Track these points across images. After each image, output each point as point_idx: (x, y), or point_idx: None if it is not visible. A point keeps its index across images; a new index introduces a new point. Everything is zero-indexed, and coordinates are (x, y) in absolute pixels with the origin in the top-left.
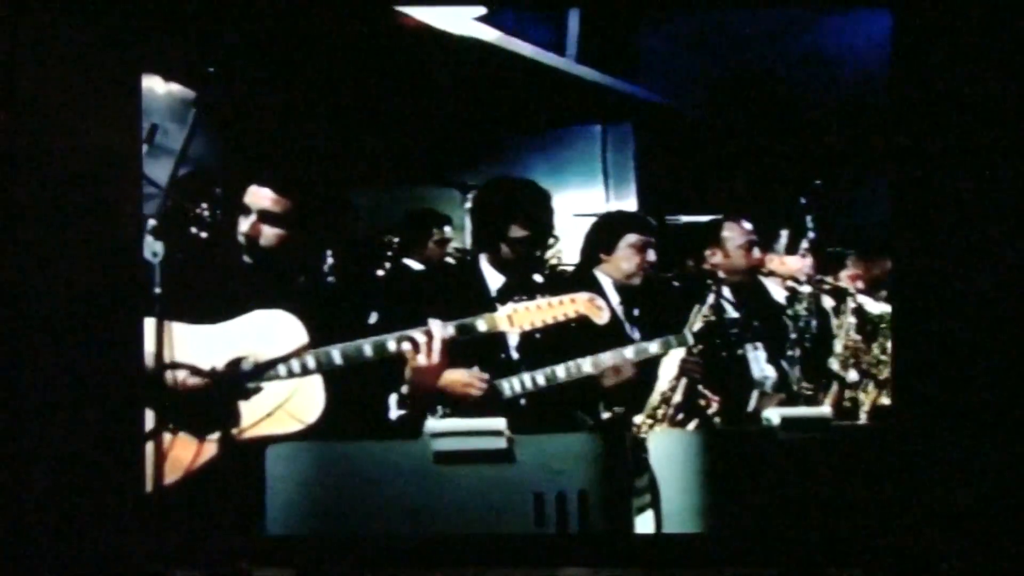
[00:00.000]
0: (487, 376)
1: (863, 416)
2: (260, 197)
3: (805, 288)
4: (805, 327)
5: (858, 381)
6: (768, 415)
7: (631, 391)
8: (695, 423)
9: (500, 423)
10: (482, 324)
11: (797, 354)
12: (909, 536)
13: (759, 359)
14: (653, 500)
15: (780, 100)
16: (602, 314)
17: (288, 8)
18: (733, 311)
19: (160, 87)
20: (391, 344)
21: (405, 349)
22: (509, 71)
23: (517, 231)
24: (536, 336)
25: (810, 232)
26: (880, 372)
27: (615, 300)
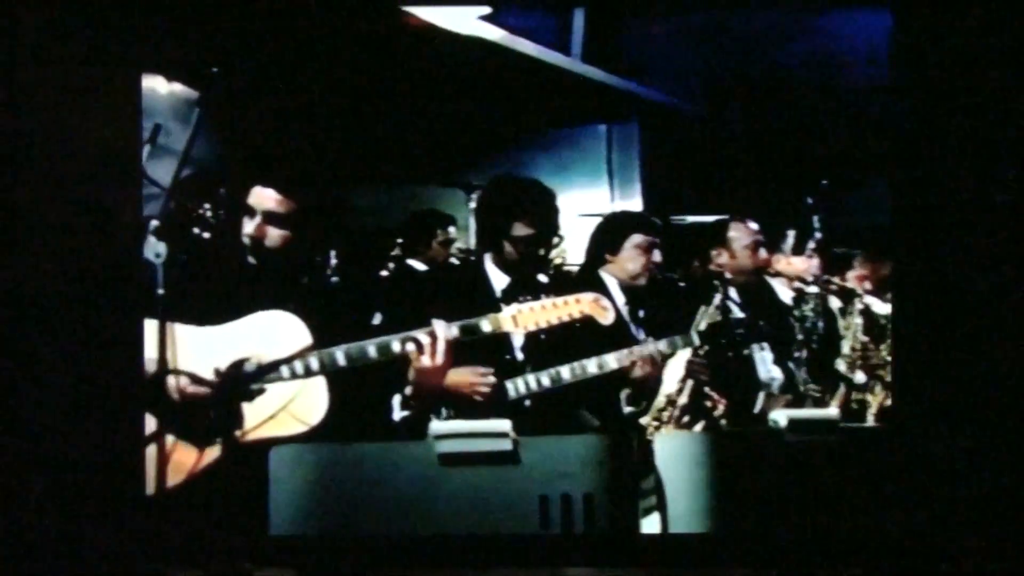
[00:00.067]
0: (491, 371)
1: (871, 418)
2: (265, 198)
3: (812, 289)
4: (812, 328)
5: (866, 383)
6: (775, 417)
7: (650, 388)
8: (701, 425)
9: (505, 425)
10: (486, 325)
11: (804, 355)
12: (910, 536)
13: (766, 360)
14: (659, 503)
15: (786, 99)
16: (607, 314)
17: (291, 7)
18: (739, 312)
19: (163, 87)
20: (395, 345)
21: (409, 350)
22: (514, 70)
23: (521, 229)
24: (541, 337)
25: (817, 232)
26: (888, 374)
27: (620, 301)
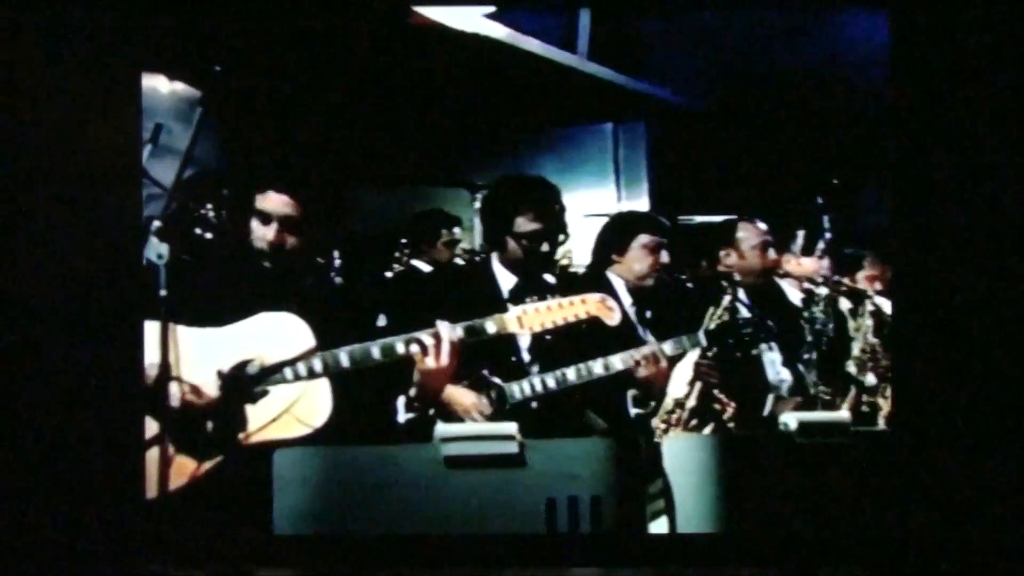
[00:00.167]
0: (490, 408)
1: (881, 421)
2: (281, 204)
3: (822, 290)
4: (822, 329)
5: (876, 385)
6: (785, 419)
7: (658, 391)
8: (710, 428)
9: (511, 427)
10: (491, 326)
11: (813, 357)
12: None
13: (775, 362)
14: (667, 506)
15: (795, 98)
16: (613, 315)
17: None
18: (748, 313)
19: (165, 86)
20: (399, 346)
21: (413, 351)
22: (519, 69)
23: (525, 225)
24: (547, 338)
25: (827, 232)
26: None
27: (627, 302)
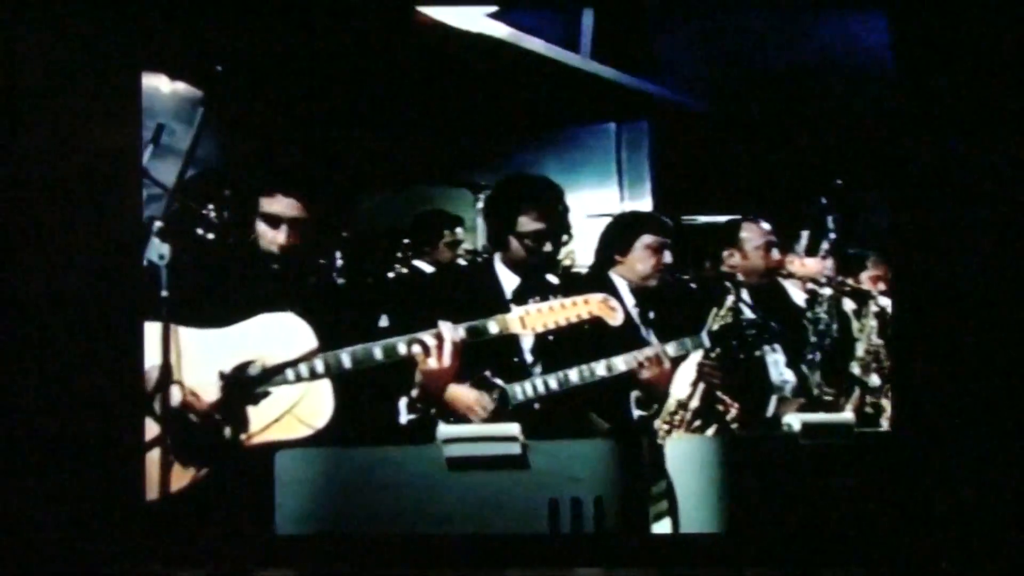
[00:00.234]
0: (492, 405)
1: (885, 422)
2: (289, 206)
3: (825, 290)
4: (825, 330)
5: (880, 386)
6: (789, 420)
7: (661, 392)
8: (713, 429)
9: (514, 428)
10: (494, 326)
11: (817, 358)
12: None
13: (778, 363)
14: (670, 507)
15: (799, 98)
16: (616, 315)
17: (297, 5)
18: (751, 314)
19: (166, 86)
20: (401, 347)
21: (415, 352)
22: (522, 68)
23: (528, 224)
24: (550, 338)
25: (831, 233)
26: None
27: (630, 302)
